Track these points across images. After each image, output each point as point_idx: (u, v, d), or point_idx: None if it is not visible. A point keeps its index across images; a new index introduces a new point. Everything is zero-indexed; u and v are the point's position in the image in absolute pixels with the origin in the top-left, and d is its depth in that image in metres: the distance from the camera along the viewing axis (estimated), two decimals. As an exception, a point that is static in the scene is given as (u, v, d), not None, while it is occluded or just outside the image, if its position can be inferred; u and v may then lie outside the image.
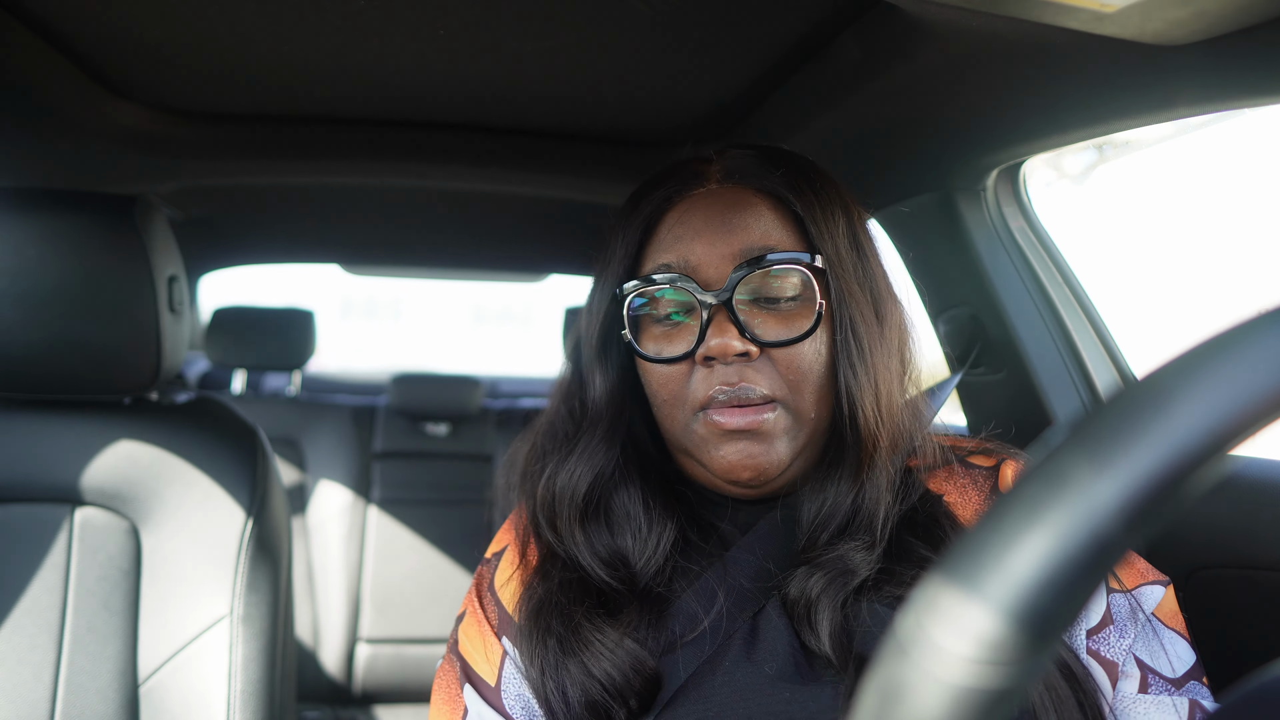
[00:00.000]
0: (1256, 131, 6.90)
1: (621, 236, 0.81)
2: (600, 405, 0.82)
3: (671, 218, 0.80)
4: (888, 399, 0.77)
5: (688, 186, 0.80)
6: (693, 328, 0.76)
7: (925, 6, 0.79)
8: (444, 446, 2.74)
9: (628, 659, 0.72)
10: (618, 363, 0.83)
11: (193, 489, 1.20)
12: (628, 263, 0.80)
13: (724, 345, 0.72)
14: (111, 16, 1.00)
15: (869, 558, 0.74)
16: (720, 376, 0.74)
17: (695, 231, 0.77)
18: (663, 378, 0.77)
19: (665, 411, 0.79)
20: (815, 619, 0.72)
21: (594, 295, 0.84)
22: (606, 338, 0.82)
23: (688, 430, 0.77)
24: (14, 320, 1.14)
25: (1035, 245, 1.31)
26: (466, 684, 0.79)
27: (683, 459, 0.82)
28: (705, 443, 0.76)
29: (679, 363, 0.76)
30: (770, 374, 0.74)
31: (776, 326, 0.75)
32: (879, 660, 0.30)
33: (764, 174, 0.80)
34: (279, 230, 2.22)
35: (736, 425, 0.73)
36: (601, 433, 0.81)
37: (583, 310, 0.87)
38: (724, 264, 0.75)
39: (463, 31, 1.03)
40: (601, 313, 0.81)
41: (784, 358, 0.75)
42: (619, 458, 0.81)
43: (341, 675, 2.56)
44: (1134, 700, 0.70)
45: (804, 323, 0.75)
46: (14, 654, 1.12)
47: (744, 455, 0.75)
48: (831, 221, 0.79)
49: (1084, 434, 0.29)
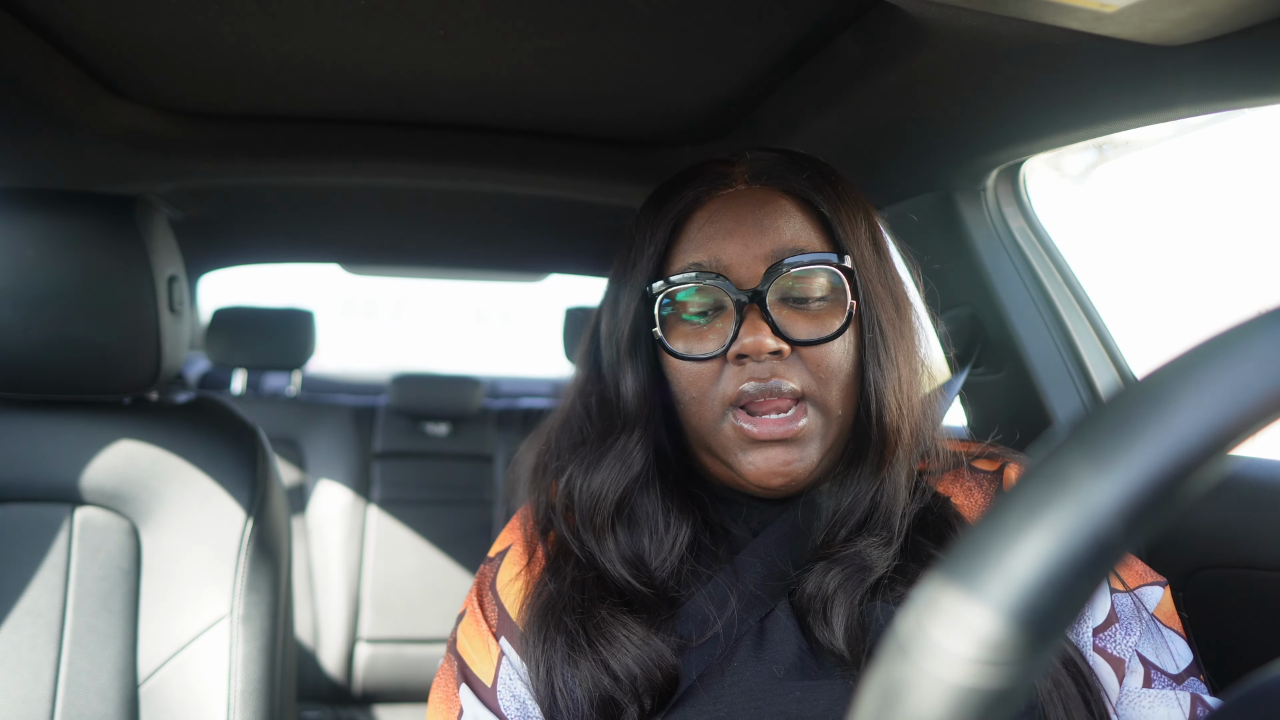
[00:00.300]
0: (1256, 131, 6.90)
1: (649, 235, 0.81)
2: (631, 406, 0.81)
3: (700, 217, 0.80)
4: (909, 397, 0.79)
5: (715, 187, 0.81)
6: (722, 326, 0.77)
7: (925, 6, 0.79)
8: (444, 446, 2.74)
9: (653, 655, 0.72)
10: (646, 362, 0.82)
11: (193, 489, 1.20)
12: (655, 261, 0.80)
13: (759, 343, 0.73)
14: (111, 16, 1.00)
15: (886, 554, 0.75)
16: (751, 372, 0.74)
17: (726, 231, 0.78)
18: (692, 375, 0.78)
19: (692, 409, 0.79)
20: (830, 615, 0.73)
21: (618, 294, 0.83)
22: (635, 337, 0.82)
23: (715, 430, 0.77)
24: (14, 320, 1.14)
25: (1035, 245, 1.31)
26: (463, 684, 0.80)
27: (705, 458, 0.82)
28: (733, 446, 0.77)
29: (709, 361, 0.77)
30: (800, 371, 0.75)
31: (807, 325, 0.76)
32: (879, 660, 0.30)
33: (790, 176, 0.81)
34: (279, 230, 2.22)
35: (770, 435, 0.74)
36: (637, 435, 0.81)
37: (601, 309, 0.87)
38: (756, 264, 0.76)
39: (462, 31, 1.03)
40: (630, 312, 0.81)
41: (814, 356, 0.76)
42: (653, 460, 0.81)
43: (341, 675, 2.56)
44: (1139, 695, 0.73)
45: (834, 322, 0.76)
46: (14, 654, 1.12)
47: (777, 463, 0.75)
48: (854, 224, 0.80)
49: (1084, 434, 0.29)
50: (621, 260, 0.84)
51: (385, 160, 1.51)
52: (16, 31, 1.01)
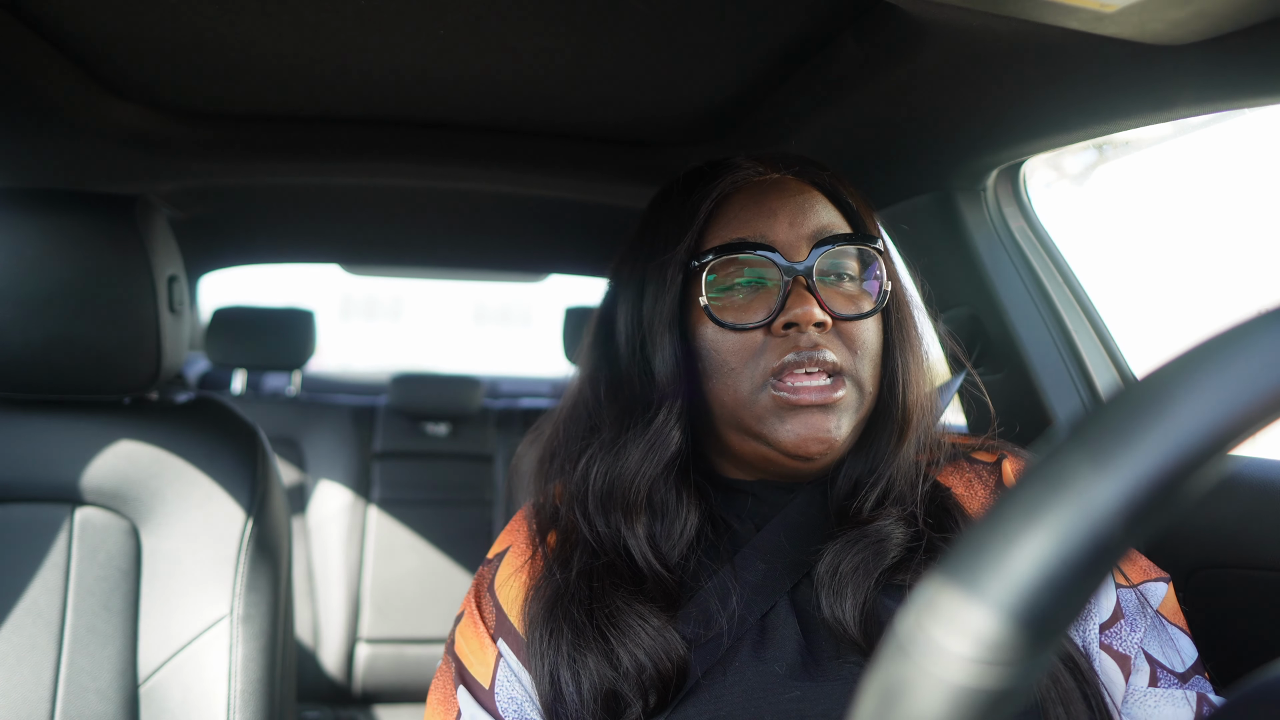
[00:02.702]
0: (1256, 131, 6.90)
1: (688, 215, 0.82)
2: (666, 382, 0.81)
3: (740, 199, 0.83)
4: (921, 382, 0.84)
5: (751, 173, 0.84)
6: (765, 300, 0.79)
7: (925, 6, 0.79)
8: (444, 446, 2.74)
9: (665, 646, 0.72)
10: (681, 338, 0.83)
11: (193, 489, 1.20)
12: (694, 240, 0.82)
13: (808, 313, 0.76)
14: (111, 16, 1.00)
15: (905, 532, 0.78)
16: (794, 342, 0.77)
17: (770, 211, 0.81)
18: (735, 345, 0.79)
19: (729, 381, 0.79)
20: (844, 593, 0.74)
21: (645, 274, 0.84)
22: (673, 312, 0.82)
23: (752, 401, 0.78)
24: (14, 320, 1.14)
25: (1035, 245, 1.31)
26: (461, 685, 0.80)
27: (732, 436, 0.82)
28: (770, 415, 0.77)
29: (753, 331, 0.79)
30: (838, 346, 0.78)
31: (844, 303, 0.80)
32: (879, 660, 0.30)
33: (814, 172, 0.86)
34: (279, 230, 2.22)
35: (810, 400, 0.76)
36: (673, 411, 0.81)
37: (616, 296, 0.88)
38: (800, 242, 0.80)
39: (462, 31, 1.03)
40: (671, 285, 0.82)
41: (850, 331, 0.79)
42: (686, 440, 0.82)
43: (341, 675, 2.56)
44: (1144, 694, 0.73)
45: (867, 302, 0.81)
46: (14, 654, 1.12)
47: (814, 429, 0.76)
48: (872, 220, 0.87)
49: (1084, 434, 0.29)
50: (648, 243, 0.85)
51: (385, 160, 1.51)
52: (17, 31, 1.01)
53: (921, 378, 0.84)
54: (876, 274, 0.82)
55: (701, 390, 0.81)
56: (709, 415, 0.82)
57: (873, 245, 0.82)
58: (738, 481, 0.85)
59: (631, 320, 0.85)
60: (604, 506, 0.82)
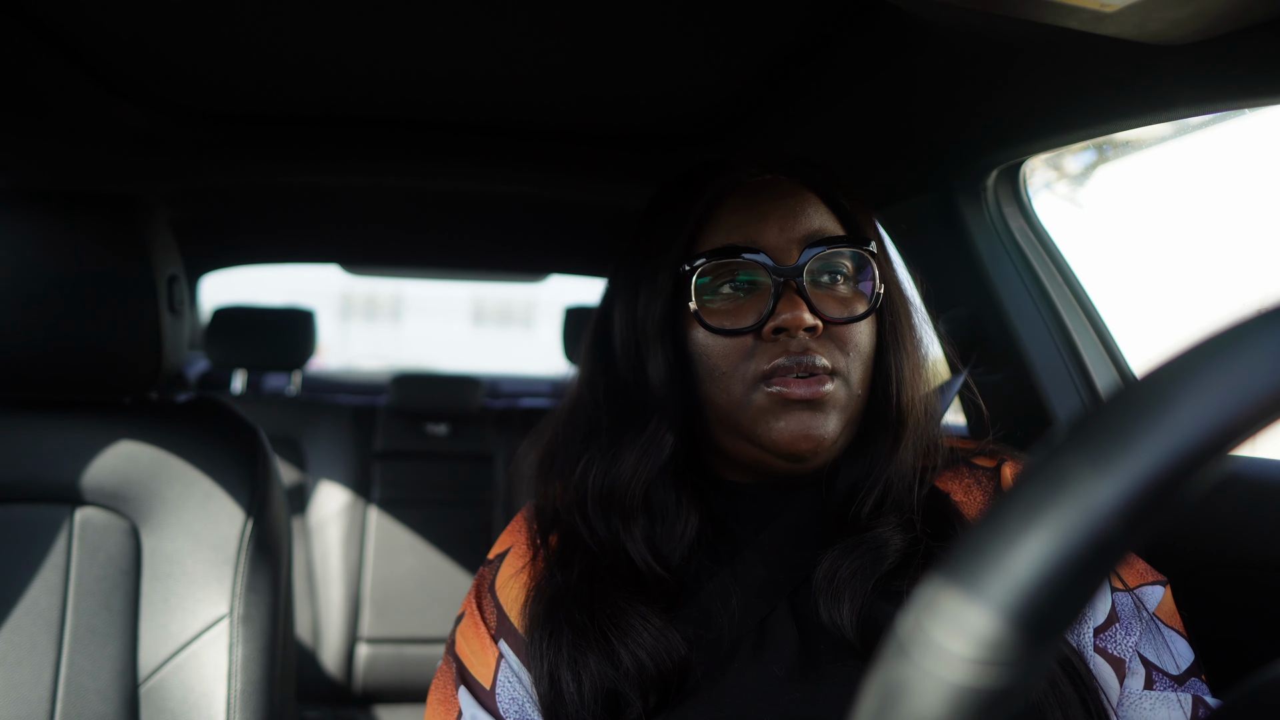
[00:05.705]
0: (1256, 131, 6.90)
1: (680, 218, 0.82)
2: (659, 388, 0.82)
3: (732, 202, 0.82)
4: (917, 384, 0.83)
5: (744, 175, 0.84)
6: (755, 304, 0.79)
7: (925, 6, 0.79)
8: (444, 446, 2.74)
9: (667, 646, 0.72)
10: (674, 342, 0.83)
11: (193, 489, 1.20)
12: (685, 243, 0.82)
13: (798, 317, 0.75)
14: (112, 17, 1.01)
15: (904, 538, 0.77)
16: (785, 347, 0.77)
17: (761, 215, 0.81)
18: (725, 349, 0.79)
19: (721, 385, 0.79)
20: (841, 599, 0.74)
21: (639, 278, 0.84)
22: (664, 317, 0.82)
23: (745, 403, 0.78)
24: (14, 320, 1.14)
25: (1035, 245, 1.31)
26: (461, 686, 0.80)
27: (726, 440, 0.82)
28: (763, 414, 0.77)
29: (743, 336, 0.78)
30: (830, 349, 0.78)
31: (836, 306, 0.79)
32: (879, 660, 0.30)
33: (808, 172, 0.85)
34: (279, 230, 2.22)
35: (801, 395, 0.76)
36: (666, 419, 0.81)
37: (613, 298, 0.87)
38: (791, 246, 0.79)
39: (462, 32, 1.03)
40: (660, 291, 0.82)
41: (842, 334, 0.79)
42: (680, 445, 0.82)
43: (341, 675, 2.56)
44: (1140, 697, 0.72)
45: (860, 304, 0.80)
46: (14, 654, 1.12)
47: (804, 427, 0.76)
48: (868, 221, 0.85)
49: (1083, 434, 0.29)
50: (642, 246, 0.85)
51: (385, 160, 1.51)
52: (18, 32, 1.01)
53: (918, 380, 0.83)
54: (870, 276, 0.81)
55: (696, 394, 0.81)
56: (704, 418, 0.82)
57: (864, 248, 0.81)
58: (736, 484, 0.85)
59: (626, 324, 0.85)
60: (603, 509, 0.82)
